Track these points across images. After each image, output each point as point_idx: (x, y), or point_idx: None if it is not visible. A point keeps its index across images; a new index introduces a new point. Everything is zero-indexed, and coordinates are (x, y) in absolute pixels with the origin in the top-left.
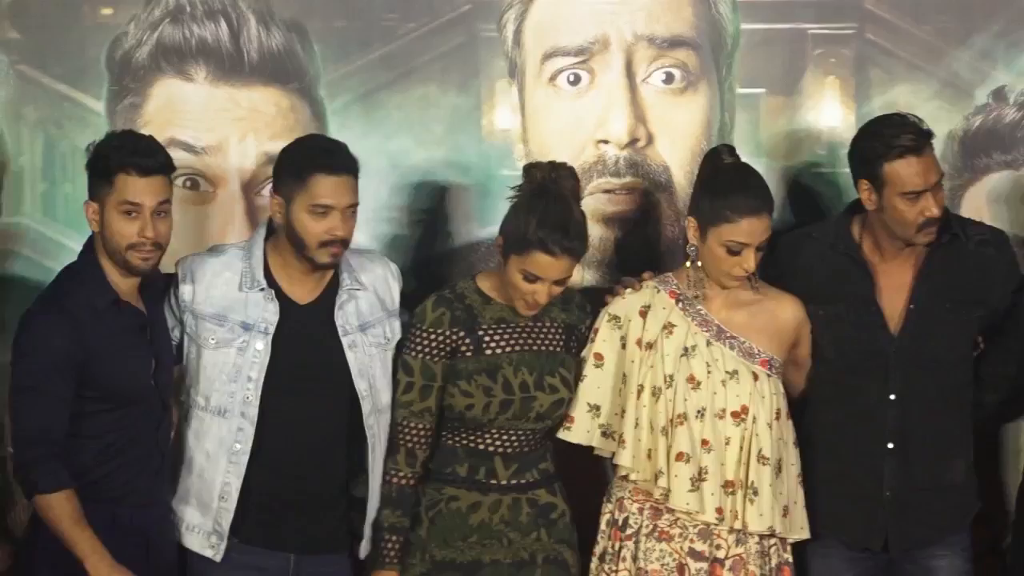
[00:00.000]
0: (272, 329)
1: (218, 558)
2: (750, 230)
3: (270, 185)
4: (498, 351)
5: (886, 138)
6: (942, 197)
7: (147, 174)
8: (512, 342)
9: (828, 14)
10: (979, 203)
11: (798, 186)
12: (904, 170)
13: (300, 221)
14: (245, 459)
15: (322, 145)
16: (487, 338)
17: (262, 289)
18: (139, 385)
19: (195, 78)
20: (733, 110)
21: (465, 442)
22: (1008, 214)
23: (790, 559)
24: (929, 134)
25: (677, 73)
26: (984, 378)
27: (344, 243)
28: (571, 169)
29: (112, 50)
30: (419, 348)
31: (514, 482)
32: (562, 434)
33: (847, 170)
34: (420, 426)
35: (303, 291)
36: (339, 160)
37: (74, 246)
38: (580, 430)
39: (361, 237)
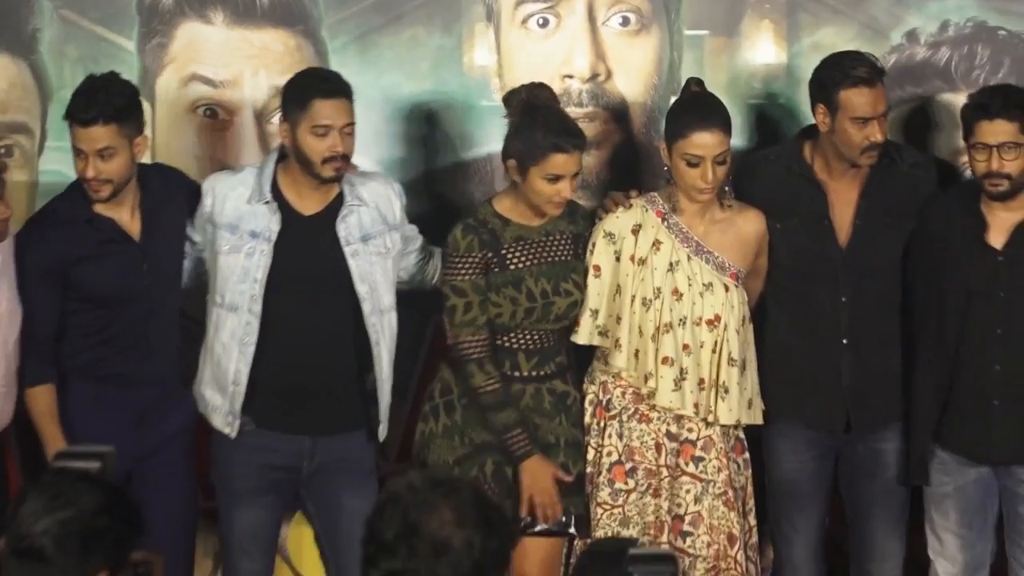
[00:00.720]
0: (274, 237)
1: (233, 435)
2: (701, 143)
3: (279, 114)
4: (520, 265)
5: (845, 68)
6: (885, 126)
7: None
8: (531, 256)
9: None
10: (892, 130)
11: (736, 116)
12: (857, 98)
13: (305, 142)
14: (251, 349)
15: (319, 74)
16: (510, 255)
17: (267, 202)
18: (120, 287)
19: (214, 21)
20: (681, 49)
21: (494, 340)
22: (915, 139)
23: (742, 435)
24: (882, 71)
25: (632, 17)
26: None
27: (345, 158)
28: (543, 84)
29: None
30: (464, 272)
31: (535, 373)
32: (572, 337)
33: (781, 102)
34: (484, 337)
35: (309, 205)
36: (334, 85)
37: None
38: (584, 332)
39: (359, 160)
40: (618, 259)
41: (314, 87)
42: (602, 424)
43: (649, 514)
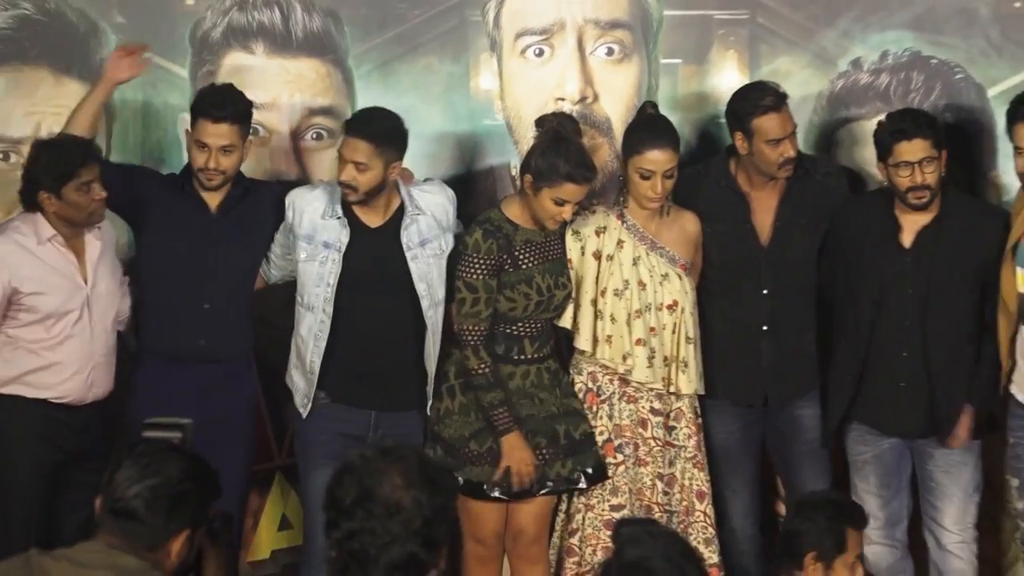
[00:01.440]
0: (344, 248)
1: (305, 415)
2: (653, 159)
3: (312, 131)
4: (530, 264)
5: (753, 99)
6: (796, 142)
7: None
8: (537, 256)
9: (728, 3)
10: (838, 145)
11: (705, 132)
12: (767, 123)
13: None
14: (324, 344)
15: (364, 117)
16: (521, 256)
17: (339, 218)
18: (187, 257)
19: (255, 51)
20: (658, 76)
21: (503, 330)
22: (858, 153)
23: (697, 405)
24: (784, 96)
25: (616, 47)
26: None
27: (351, 187)
28: (571, 116)
29: (194, 31)
30: (479, 271)
31: (536, 355)
32: (558, 321)
33: None
34: (481, 329)
35: (374, 218)
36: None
37: None
38: (567, 317)
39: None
40: (583, 254)
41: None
42: (595, 408)
43: (639, 481)
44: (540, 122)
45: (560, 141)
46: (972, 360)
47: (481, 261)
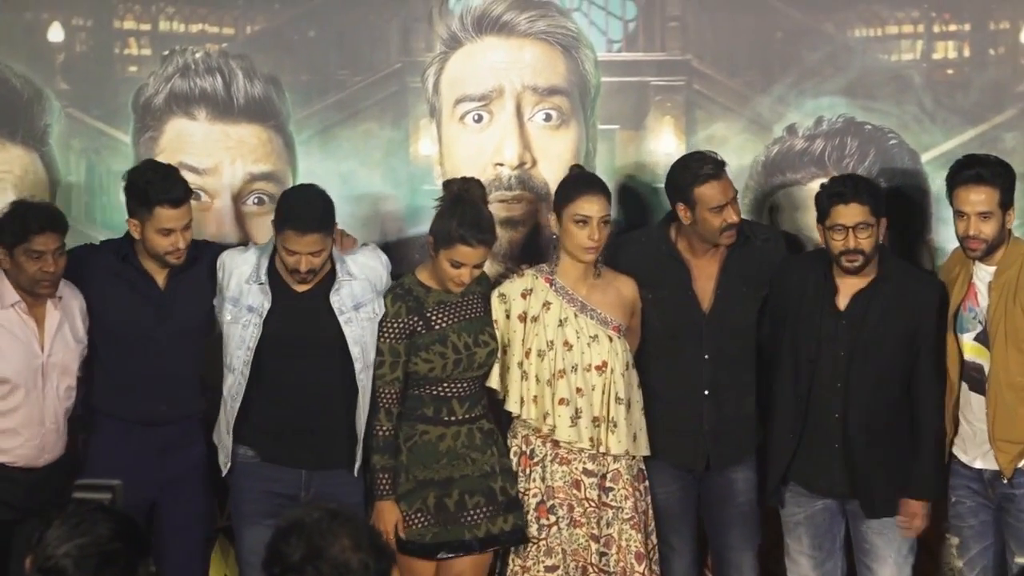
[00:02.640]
0: (264, 313)
1: (224, 472)
2: (588, 204)
3: (253, 196)
4: (444, 324)
5: (693, 169)
6: (737, 207)
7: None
8: (452, 316)
9: (665, 70)
10: (774, 210)
11: (642, 197)
12: (709, 191)
13: (283, 256)
14: (238, 404)
15: (300, 206)
16: (434, 317)
17: (261, 284)
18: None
19: (198, 117)
20: (595, 141)
21: (429, 391)
22: (795, 218)
23: (642, 466)
24: (723, 163)
25: (554, 113)
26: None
27: (310, 272)
28: (478, 181)
29: (137, 97)
30: (387, 335)
31: (467, 416)
32: (487, 382)
33: None
34: (393, 391)
35: (311, 284)
36: (308, 222)
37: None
38: (494, 378)
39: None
40: (508, 316)
41: (289, 220)
42: (527, 471)
43: (574, 542)
44: (446, 186)
45: (458, 204)
46: (897, 427)
47: (388, 325)
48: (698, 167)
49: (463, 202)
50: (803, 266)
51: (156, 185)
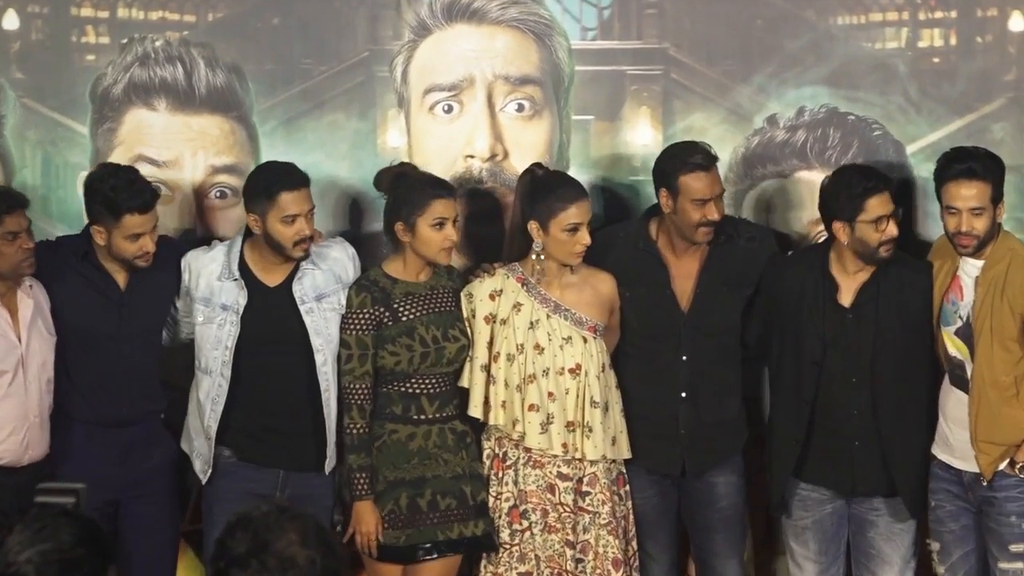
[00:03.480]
0: (242, 309)
1: (204, 480)
2: (579, 211)
3: (215, 190)
4: (411, 316)
5: (683, 157)
6: (722, 206)
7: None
8: (420, 308)
9: (641, 58)
10: (755, 204)
11: (618, 190)
12: (695, 183)
13: (275, 230)
14: (220, 408)
15: (281, 167)
16: (401, 308)
17: (235, 279)
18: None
19: (158, 108)
20: (569, 132)
21: (397, 388)
22: (776, 213)
23: (623, 470)
24: (715, 157)
25: (526, 104)
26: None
27: (310, 239)
28: (409, 163)
29: (95, 87)
30: (352, 326)
31: (438, 415)
32: (459, 381)
33: None
34: (363, 386)
35: (274, 277)
36: (297, 177)
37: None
38: (467, 376)
39: None
40: (473, 316)
41: (279, 181)
42: (500, 474)
43: (548, 548)
44: (378, 179)
45: (405, 177)
46: (917, 416)
47: (354, 316)
48: (688, 155)
49: (407, 175)
50: (797, 266)
51: (123, 192)
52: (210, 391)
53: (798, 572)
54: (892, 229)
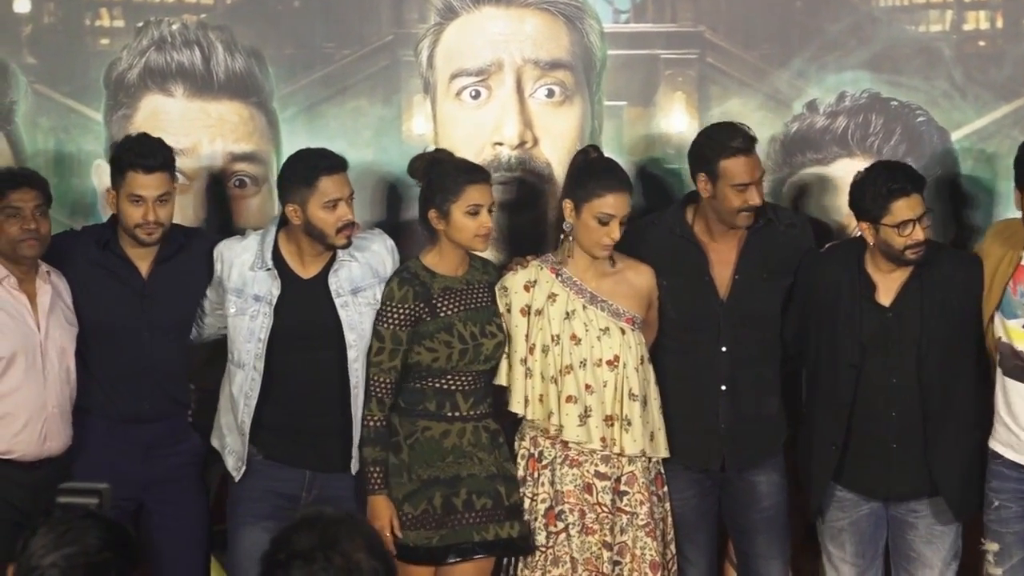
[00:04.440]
0: (275, 300)
1: (238, 478)
2: (615, 203)
3: (235, 179)
4: (449, 312)
5: (722, 140)
6: (762, 190)
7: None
8: (458, 304)
9: (676, 42)
10: (794, 193)
11: (652, 179)
12: (735, 167)
13: (317, 217)
14: (254, 403)
15: (318, 152)
16: (439, 304)
17: (268, 269)
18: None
19: (175, 94)
20: (601, 118)
21: (432, 384)
22: (816, 202)
23: (662, 469)
24: (754, 139)
25: (557, 89)
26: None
27: (352, 224)
28: (443, 149)
29: (109, 72)
30: (390, 320)
31: (472, 413)
32: (495, 380)
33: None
34: (387, 380)
35: (309, 269)
36: (336, 160)
37: (77, 226)
38: (503, 374)
39: None
40: (508, 311)
41: (319, 166)
42: (536, 474)
43: (586, 550)
44: (412, 165)
45: (439, 162)
46: (966, 413)
47: (394, 310)
48: (728, 138)
49: (441, 160)
50: (833, 262)
51: (132, 149)
52: (243, 385)
53: (834, 574)
54: (918, 233)
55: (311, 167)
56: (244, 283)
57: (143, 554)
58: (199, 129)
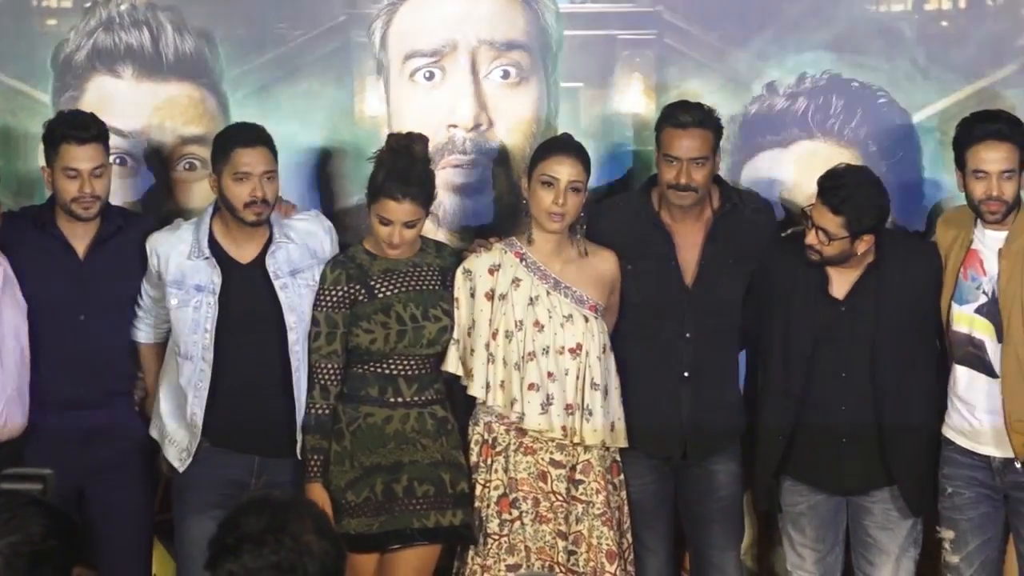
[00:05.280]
0: (218, 288)
1: (181, 470)
2: (558, 166)
3: (184, 161)
4: (388, 293)
5: (666, 112)
6: (698, 172)
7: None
8: (398, 285)
9: (633, 22)
10: (754, 175)
11: (611, 161)
12: (669, 138)
13: (228, 188)
14: (205, 394)
15: (241, 125)
16: (378, 285)
17: (206, 257)
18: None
19: (123, 75)
20: (558, 101)
21: (374, 369)
22: (776, 184)
23: (618, 458)
24: (706, 120)
25: (512, 70)
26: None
27: (264, 203)
28: (422, 136)
29: (56, 53)
30: (323, 303)
31: (416, 399)
32: (442, 365)
33: (649, 148)
34: (330, 366)
35: (245, 253)
36: (254, 135)
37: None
38: (451, 361)
39: None
40: (472, 295)
41: (235, 138)
42: (489, 461)
43: (539, 539)
44: (388, 139)
45: (390, 155)
46: (921, 405)
47: (326, 292)
48: (675, 109)
49: (397, 154)
50: (791, 253)
51: (64, 122)
52: (192, 377)
53: (797, 560)
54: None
55: (229, 138)
56: (183, 274)
57: (87, 543)
58: (148, 111)
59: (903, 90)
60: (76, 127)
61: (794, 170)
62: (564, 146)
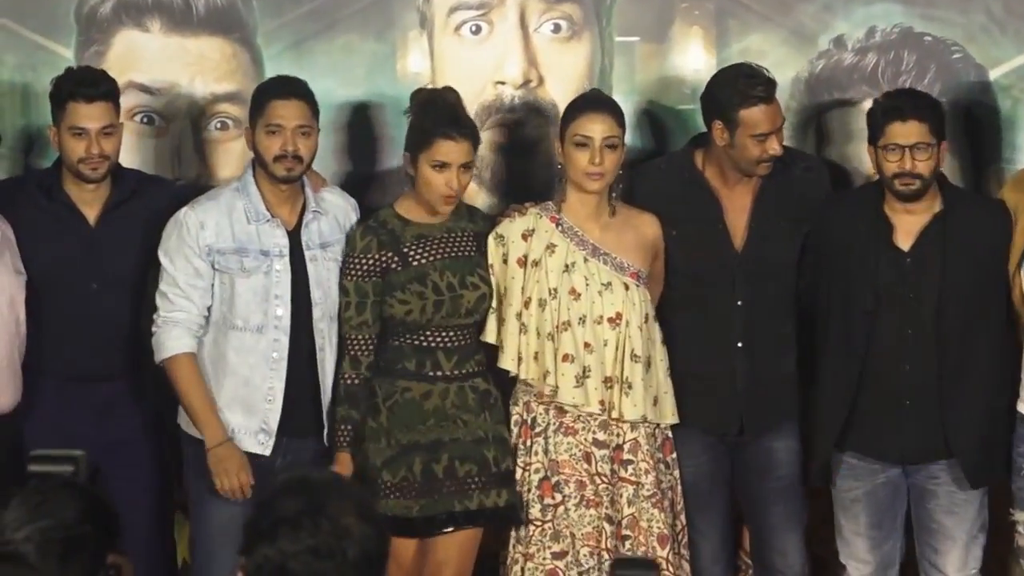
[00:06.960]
0: (286, 251)
1: (267, 452)
2: (591, 123)
3: (216, 120)
4: (423, 260)
5: (741, 88)
6: (782, 137)
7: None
8: (433, 251)
9: None
10: (821, 135)
11: (667, 120)
12: (756, 116)
13: (260, 142)
14: (284, 364)
15: (279, 78)
16: (411, 252)
17: (268, 220)
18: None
19: (151, 29)
20: (612, 56)
21: (410, 341)
22: (841, 145)
23: (670, 435)
24: (774, 83)
25: (564, 24)
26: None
27: (296, 159)
28: (451, 88)
29: (80, 6)
30: (352, 272)
31: (456, 372)
32: (481, 336)
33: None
34: (360, 337)
35: (289, 218)
36: (290, 87)
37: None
38: (491, 331)
39: None
40: (505, 261)
41: (271, 90)
42: (528, 443)
43: (585, 524)
44: (414, 96)
45: (427, 104)
46: (987, 368)
47: (356, 261)
48: (748, 86)
49: (431, 101)
50: (850, 205)
51: (71, 79)
52: (265, 351)
53: (846, 548)
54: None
55: (266, 90)
56: (247, 238)
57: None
58: (177, 67)
59: (979, 44)
60: (84, 83)
61: (862, 129)
62: (594, 102)
